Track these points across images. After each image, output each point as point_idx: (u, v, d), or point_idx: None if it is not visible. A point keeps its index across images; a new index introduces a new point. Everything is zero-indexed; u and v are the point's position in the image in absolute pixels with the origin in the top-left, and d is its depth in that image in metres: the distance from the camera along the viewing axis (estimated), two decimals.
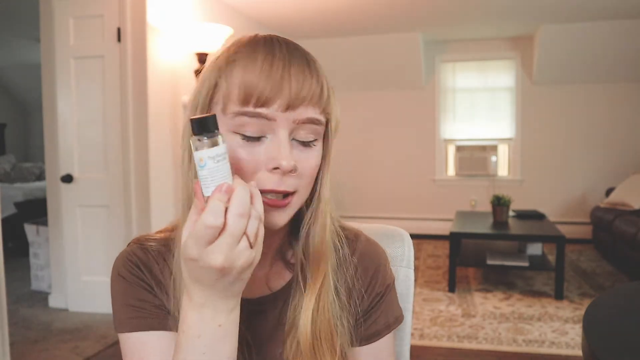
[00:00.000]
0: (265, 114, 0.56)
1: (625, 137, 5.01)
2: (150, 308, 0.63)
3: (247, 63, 0.57)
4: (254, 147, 0.58)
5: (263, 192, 0.57)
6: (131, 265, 0.65)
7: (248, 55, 0.58)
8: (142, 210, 3.03)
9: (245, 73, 0.56)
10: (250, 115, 0.56)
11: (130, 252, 0.66)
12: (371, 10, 4.16)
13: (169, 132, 3.20)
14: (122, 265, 0.65)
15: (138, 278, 0.64)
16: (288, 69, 0.57)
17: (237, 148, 0.57)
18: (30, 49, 5.48)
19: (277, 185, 0.58)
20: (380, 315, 0.71)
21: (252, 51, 0.58)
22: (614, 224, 4.02)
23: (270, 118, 0.57)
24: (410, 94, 5.51)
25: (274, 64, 0.56)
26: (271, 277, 0.70)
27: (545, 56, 4.86)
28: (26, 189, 5.27)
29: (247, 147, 0.58)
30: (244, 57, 0.58)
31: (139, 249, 0.66)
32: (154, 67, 3.02)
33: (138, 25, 2.95)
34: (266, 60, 0.57)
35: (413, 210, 5.55)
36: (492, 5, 4.08)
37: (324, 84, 0.60)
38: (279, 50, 0.58)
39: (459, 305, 3.26)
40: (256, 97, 0.56)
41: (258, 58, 0.57)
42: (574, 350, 2.56)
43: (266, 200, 0.58)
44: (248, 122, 0.57)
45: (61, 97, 3.11)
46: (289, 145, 0.58)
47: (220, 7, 3.77)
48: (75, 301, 3.18)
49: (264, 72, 0.56)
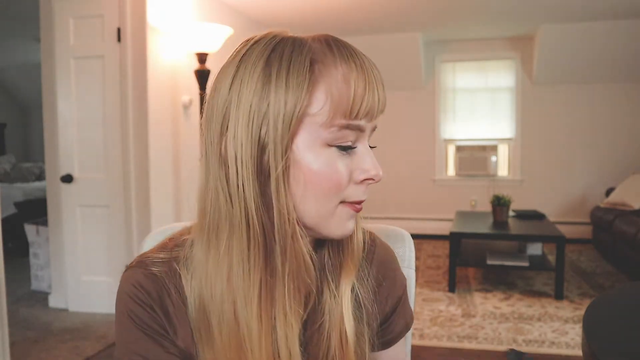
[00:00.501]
0: (363, 126, 0.56)
1: (625, 137, 5.02)
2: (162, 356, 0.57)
3: (348, 74, 0.54)
4: (347, 159, 0.56)
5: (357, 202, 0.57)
6: (141, 302, 0.57)
7: (338, 63, 0.54)
8: (142, 210, 3.03)
9: (351, 86, 0.53)
10: (352, 127, 0.55)
11: (137, 282, 0.58)
12: (371, 10, 4.16)
13: (169, 132, 3.20)
14: (130, 299, 0.57)
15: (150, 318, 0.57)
16: (373, 73, 0.56)
17: (337, 161, 0.55)
18: (30, 49, 5.48)
19: (364, 195, 0.58)
20: (399, 318, 0.71)
21: (341, 59, 0.55)
22: (614, 224, 4.02)
23: (362, 129, 0.56)
24: (410, 94, 5.51)
25: (367, 73, 0.55)
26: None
27: (545, 56, 4.86)
28: (26, 189, 5.27)
29: (344, 160, 0.56)
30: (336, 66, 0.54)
31: (146, 278, 0.58)
32: (154, 67, 3.02)
33: (138, 25, 2.95)
34: (361, 70, 0.55)
35: (413, 210, 5.55)
36: (492, 5, 4.08)
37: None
38: (358, 57, 0.56)
39: (459, 305, 3.26)
40: (364, 110, 0.54)
41: (352, 67, 0.54)
42: (574, 350, 2.56)
43: (356, 209, 0.58)
44: (348, 135, 0.55)
45: (61, 97, 3.11)
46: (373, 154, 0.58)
47: (220, 7, 3.77)
48: (75, 301, 3.18)
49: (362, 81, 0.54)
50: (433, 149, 5.51)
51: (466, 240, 4.04)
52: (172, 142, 3.22)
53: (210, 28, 3.00)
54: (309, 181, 0.54)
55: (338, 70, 0.53)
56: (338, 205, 0.56)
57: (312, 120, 0.53)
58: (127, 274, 0.60)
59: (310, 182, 0.54)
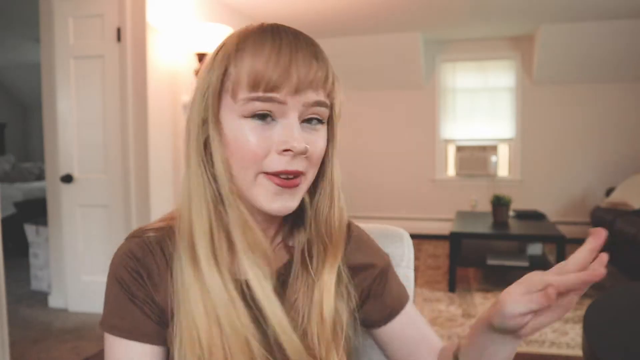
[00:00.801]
0: (276, 98, 0.58)
1: (625, 137, 5.01)
2: (141, 319, 0.63)
3: (255, 50, 0.59)
4: (265, 131, 0.60)
5: (274, 174, 0.60)
6: (129, 269, 0.64)
7: (255, 42, 0.60)
8: (142, 210, 3.03)
9: (254, 60, 0.58)
10: (262, 100, 0.58)
11: (129, 251, 0.65)
12: (371, 10, 4.16)
13: (169, 132, 3.19)
14: (120, 265, 0.65)
15: (135, 284, 0.64)
16: (295, 54, 0.59)
17: (249, 132, 0.59)
18: (30, 49, 5.48)
19: (288, 166, 0.60)
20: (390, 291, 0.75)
21: (260, 39, 0.60)
22: (614, 224, 4.02)
23: (280, 102, 0.59)
24: (410, 94, 5.51)
25: (282, 51, 0.58)
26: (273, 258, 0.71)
27: (545, 56, 4.86)
28: (26, 189, 5.27)
29: (259, 131, 0.60)
30: (252, 45, 0.59)
31: (136, 245, 0.66)
32: (154, 67, 3.01)
33: (138, 25, 2.95)
34: (274, 47, 0.59)
35: (413, 210, 5.55)
36: (492, 5, 4.07)
37: (329, 68, 0.63)
38: (286, 37, 0.60)
39: (459, 305, 3.26)
40: (265, 83, 0.58)
41: (266, 45, 0.59)
42: (574, 350, 2.55)
43: (279, 182, 0.60)
44: (260, 107, 0.59)
45: (61, 97, 3.11)
46: (299, 128, 0.60)
47: (220, 7, 3.77)
48: (75, 301, 3.18)
49: (272, 59, 0.58)
50: (433, 149, 5.50)
51: (466, 241, 4.04)
52: (172, 142, 3.22)
53: (210, 28, 3.00)
54: (229, 149, 0.61)
55: (250, 48, 0.59)
56: (258, 175, 0.61)
57: (227, 95, 0.61)
58: (123, 243, 0.67)
59: (229, 150, 0.61)
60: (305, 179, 0.63)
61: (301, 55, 0.59)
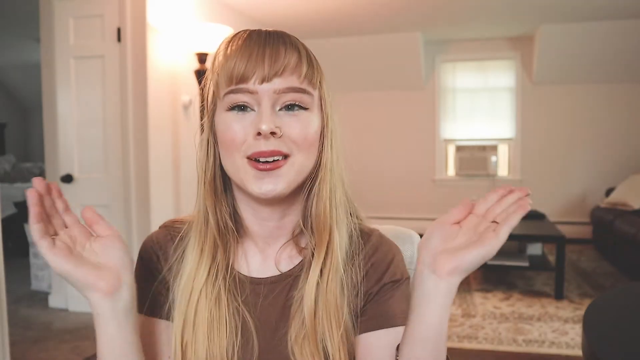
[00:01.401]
0: (247, 88, 0.64)
1: (625, 137, 5.01)
2: (150, 294, 0.71)
3: (229, 52, 0.65)
4: (243, 120, 0.65)
5: (254, 158, 0.64)
6: (149, 248, 0.74)
7: (230, 45, 0.66)
8: (142, 210, 3.03)
9: (227, 60, 0.65)
10: (235, 92, 0.64)
11: (155, 234, 0.76)
12: (371, 10, 4.16)
13: (169, 131, 3.20)
14: (144, 245, 0.75)
15: (150, 263, 0.73)
16: (263, 47, 0.64)
17: (231, 122, 0.65)
18: (30, 49, 5.47)
19: (262, 147, 0.64)
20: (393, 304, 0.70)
21: (233, 42, 0.66)
22: (614, 224, 4.02)
23: (252, 91, 0.64)
24: (410, 94, 5.51)
25: (250, 46, 0.64)
26: (282, 260, 0.73)
27: (545, 56, 4.86)
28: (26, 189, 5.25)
29: (238, 120, 0.65)
30: (229, 48, 0.66)
31: (162, 232, 0.75)
32: (154, 67, 3.02)
33: (138, 25, 2.95)
34: (244, 45, 0.65)
35: (413, 210, 5.55)
36: (492, 5, 4.08)
37: (303, 55, 0.66)
38: (257, 36, 0.66)
39: (459, 306, 3.26)
40: (236, 76, 0.63)
41: (237, 45, 0.65)
42: (574, 350, 2.55)
43: (258, 166, 0.64)
44: (236, 99, 0.65)
45: (61, 97, 3.11)
46: (270, 113, 0.64)
47: (220, 7, 3.77)
48: (75, 301, 3.18)
49: (241, 54, 0.64)
50: (433, 149, 5.51)
51: None
52: (172, 142, 3.22)
53: (210, 28, 3.00)
54: (220, 141, 0.67)
55: (226, 52, 0.66)
56: (243, 160, 0.65)
57: (216, 98, 0.68)
58: (154, 231, 0.77)
59: (220, 141, 0.67)
60: (291, 162, 0.65)
61: (269, 47, 0.64)
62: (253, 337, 0.68)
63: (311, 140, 0.67)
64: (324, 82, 0.70)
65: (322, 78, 0.69)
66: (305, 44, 0.69)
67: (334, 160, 0.72)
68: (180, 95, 3.28)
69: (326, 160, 0.71)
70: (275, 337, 0.69)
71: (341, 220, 0.71)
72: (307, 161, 0.67)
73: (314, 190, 0.70)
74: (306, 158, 0.67)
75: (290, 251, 0.73)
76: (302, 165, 0.66)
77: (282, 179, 0.65)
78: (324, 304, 0.67)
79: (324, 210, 0.69)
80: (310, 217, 0.70)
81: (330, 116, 0.71)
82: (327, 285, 0.67)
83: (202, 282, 0.68)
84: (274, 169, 0.64)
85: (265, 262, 0.73)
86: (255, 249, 0.73)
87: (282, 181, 0.65)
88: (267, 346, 0.68)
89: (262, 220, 0.71)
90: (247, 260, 0.73)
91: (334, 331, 0.66)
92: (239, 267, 0.72)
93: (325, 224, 0.69)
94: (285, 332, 0.68)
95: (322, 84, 0.69)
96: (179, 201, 3.26)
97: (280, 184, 0.65)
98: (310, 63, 0.66)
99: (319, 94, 0.69)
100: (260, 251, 0.73)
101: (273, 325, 0.69)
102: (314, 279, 0.67)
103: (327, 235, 0.69)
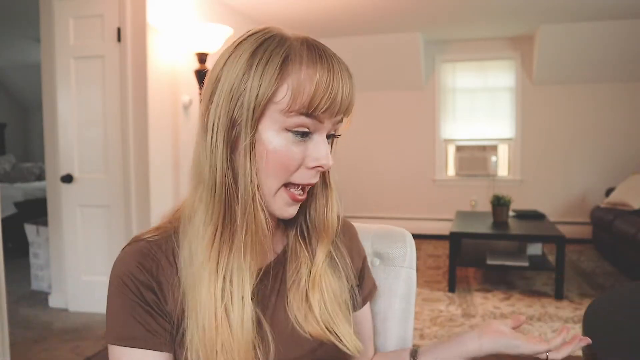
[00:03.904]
0: (319, 117, 0.63)
1: (625, 137, 5.02)
2: (155, 328, 0.64)
3: (310, 71, 0.62)
4: (302, 145, 0.64)
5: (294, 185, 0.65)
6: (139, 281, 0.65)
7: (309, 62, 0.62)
8: (142, 210, 3.03)
9: (313, 83, 0.61)
10: (309, 116, 0.62)
11: (136, 262, 0.65)
12: (371, 10, 4.16)
13: (169, 131, 3.20)
14: (128, 277, 0.65)
15: (148, 294, 0.64)
16: (342, 82, 0.63)
17: (291, 145, 0.63)
18: (30, 49, 5.48)
19: (312, 179, 0.66)
20: (364, 283, 0.82)
21: (311, 58, 0.63)
22: (614, 224, 4.02)
23: (320, 120, 0.64)
24: (410, 94, 5.51)
25: (333, 76, 0.62)
26: (274, 243, 0.76)
27: (545, 56, 4.86)
28: (26, 189, 5.26)
29: (299, 145, 0.64)
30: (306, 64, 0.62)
31: (141, 254, 0.66)
32: (154, 67, 3.02)
33: (138, 25, 2.95)
34: (325, 72, 0.62)
35: (413, 210, 5.55)
36: (492, 5, 4.08)
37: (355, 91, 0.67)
38: (332, 60, 0.64)
39: (459, 305, 3.26)
40: (322, 106, 0.62)
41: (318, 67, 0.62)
42: None
43: (295, 197, 0.66)
44: (304, 122, 0.63)
45: (61, 97, 3.11)
46: (327, 145, 0.66)
47: (220, 7, 3.77)
48: (75, 301, 3.18)
49: (325, 84, 0.62)
50: (433, 149, 5.51)
51: (466, 240, 4.04)
52: (172, 142, 3.22)
53: (210, 28, 3.00)
54: (267, 157, 0.63)
55: (304, 68, 0.62)
56: (281, 187, 0.65)
57: (275, 107, 0.62)
58: (125, 252, 0.68)
59: (267, 158, 0.63)
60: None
61: (344, 83, 0.64)
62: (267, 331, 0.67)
63: None
64: None
65: None
66: None
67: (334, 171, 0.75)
68: (180, 95, 3.28)
69: (331, 180, 0.75)
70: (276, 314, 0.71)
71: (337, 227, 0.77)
72: None
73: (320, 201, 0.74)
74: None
75: (278, 235, 0.76)
76: None
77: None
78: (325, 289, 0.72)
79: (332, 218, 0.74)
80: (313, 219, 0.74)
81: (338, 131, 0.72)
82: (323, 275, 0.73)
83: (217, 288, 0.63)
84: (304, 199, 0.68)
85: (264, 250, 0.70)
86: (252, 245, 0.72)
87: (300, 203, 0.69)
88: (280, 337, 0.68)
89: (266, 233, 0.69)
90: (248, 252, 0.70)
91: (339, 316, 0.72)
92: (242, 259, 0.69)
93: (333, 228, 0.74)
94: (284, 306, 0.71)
95: None
96: (179, 201, 3.25)
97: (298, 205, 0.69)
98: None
99: None
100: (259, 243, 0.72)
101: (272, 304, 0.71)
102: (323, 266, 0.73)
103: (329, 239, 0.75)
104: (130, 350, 0.63)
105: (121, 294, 0.65)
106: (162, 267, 0.66)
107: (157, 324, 0.64)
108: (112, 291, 0.66)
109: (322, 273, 0.73)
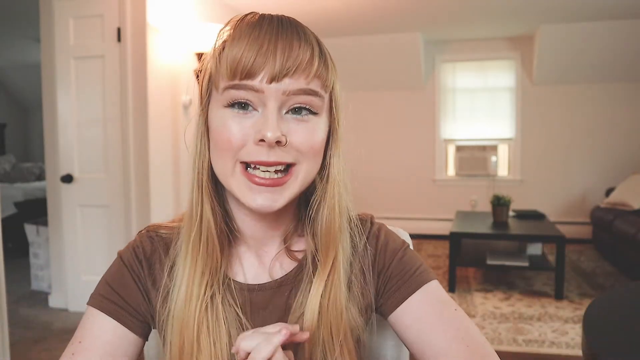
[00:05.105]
0: (252, 86, 0.56)
1: (625, 137, 5.01)
2: (130, 304, 0.66)
3: (234, 38, 0.57)
4: (243, 121, 0.58)
5: (252, 163, 0.58)
6: (134, 258, 0.67)
7: (237, 31, 0.58)
8: (142, 210, 3.03)
9: (232, 48, 0.57)
10: (237, 87, 0.57)
11: (139, 242, 0.69)
12: (371, 10, 4.16)
13: (169, 131, 3.19)
14: (128, 253, 0.68)
15: (135, 273, 0.67)
16: (275, 40, 0.56)
17: (228, 121, 0.58)
18: (30, 49, 5.48)
19: (265, 157, 0.57)
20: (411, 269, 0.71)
21: (242, 27, 0.58)
22: (614, 224, 4.02)
23: (257, 90, 0.56)
24: (410, 94, 5.51)
25: (260, 36, 0.56)
26: (274, 266, 0.68)
27: (545, 56, 4.86)
28: (26, 189, 5.27)
29: (237, 120, 0.58)
30: (234, 34, 0.58)
31: (147, 239, 0.69)
32: (154, 67, 3.02)
33: (138, 25, 2.95)
34: (253, 34, 0.56)
35: (413, 210, 5.55)
36: (492, 5, 4.07)
37: (317, 54, 0.58)
38: (268, 24, 0.58)
39: (459, 305, 3.26)
40: (241, 70, 0.56)
41: (246, 33, 0.57)
42: (574, 350, 2.55)
43: (249, 176, 0.58)
44: (237, 95, 0.57)
45: (61, 97, 3.11)
46: (276, 117, 0.57)
47: (220, 7, 3.77)
48: (75, 301, 3.18)
49: (249, 45, 0.56)
50: (433, 149, 5.51)
51: (466, 240, 4.04)
52: (172, 142, 3.22)
53: (210, 28, 3.00)
54: (212, 138, 0.61)
55: (231, 38, 0.58)
56: (236, 166, 0.59)
57: (214, 88, 0.61)
58: (136, 236, 0.70)
59: (212, 139, 0.61)
60: (295, 173, 0.60)
61: (282, 41, 0.56)
62: None
63: (318, 149, 0.61)
64: (337, 83, 0.63)
65: (335, 78, 0.62)
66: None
67: (341, 168, 0.67)
68: (180, 96, 3.28)
69: (333, 170, 0.65)
70: None
71: (344, 228, 0.67)
72: (312, 169, 0.62)
73: (316, 199, 0.65)
74: (311, 167, 0.61)
75: (282, 256, 0.69)
76: (307, 174, 0.61)
77: (285, 194, 0.60)
78: (326, 316, 0.63)
79: (332, 226, 0.64)
80: (313, 227, 0.66)
81: (339, 121, 0.65)
82: (330, 298, 0.64)
83: (199, 293, 0.62)
84: (274, 185, 0.58)
85: (261, 267, 0.68)
86: (249, 254, 0.68)
87: (283, 197, 0.59)
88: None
89: (256, 220, 0.65)
90: (243, 267, 0.68)
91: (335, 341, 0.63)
92: (234, 274, 0.67)
93: (335, 238, 0.64)
94: None
95: (335, 85, 0.62)
96: (178, 201, 3.26)
97: (280, 201, 0.59)
98: (325, 61, 0.59)
99: (330, 96, 0.63)
100: (255, 256, 0.68)
101: None
102: (317, 292, 0.63)
103: (333, 250, 0.64)
104: (103, 316, 0.64)
105: (117, 268, 0.68)
106: (159, 258, 0.68)
107: (137, 303, 0.66)
108: (113, 263, 0.69)
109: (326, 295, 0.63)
